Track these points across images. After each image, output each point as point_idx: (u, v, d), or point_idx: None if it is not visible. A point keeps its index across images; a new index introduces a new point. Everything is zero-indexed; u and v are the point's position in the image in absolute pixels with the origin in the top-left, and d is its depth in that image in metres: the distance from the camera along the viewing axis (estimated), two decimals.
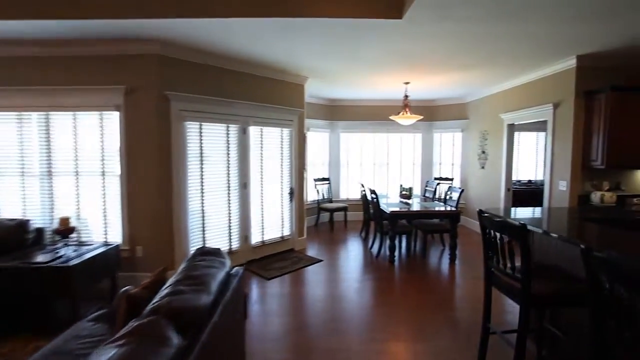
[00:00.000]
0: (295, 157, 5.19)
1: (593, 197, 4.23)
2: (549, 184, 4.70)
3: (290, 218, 5.19)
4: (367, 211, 5.92)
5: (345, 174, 7.74)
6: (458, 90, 6.39)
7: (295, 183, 5.21)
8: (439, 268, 4.57)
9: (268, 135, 4.79)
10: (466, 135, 7.10)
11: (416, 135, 7.73)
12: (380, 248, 4.98)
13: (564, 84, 4.40)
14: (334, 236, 6.29)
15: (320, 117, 7.32)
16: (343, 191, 7.77)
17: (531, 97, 5.01)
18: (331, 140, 7.64)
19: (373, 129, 7.61)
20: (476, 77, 5.19)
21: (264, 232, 4.82)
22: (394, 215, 4.62)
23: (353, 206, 7.69)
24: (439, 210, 4.81)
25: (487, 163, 6.33)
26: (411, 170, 7.81)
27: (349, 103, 7.54)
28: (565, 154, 4.42)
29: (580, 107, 4.28)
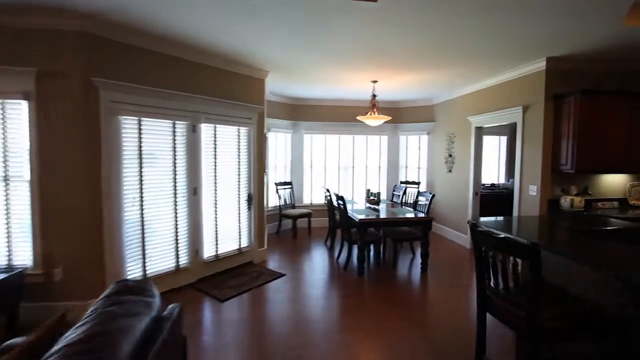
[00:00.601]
0: (255, 159, 4.65)
1: (563, 202, 4.15)
2: (518, 189, 4.59)
3: (248, 227, 4.63)
4: (333, 218, 5.53)
5: (309, 177, 7.30)
6: (425, 92, 6.22)
7: (254, 188, 4.66)
8: (411, 279, 4.27)
9: (223, 135, 4.21)
10: (433, 138, 6.97)
11: (382, 137, 7.49)
12: (348, 259, 4.59)
13: (533, 86, 4.31)
14: (297, 245, 5.81)
15: (282, 116, 6.82)
16: (306, 196, 7.32)
17: (500, 99, 4.91)
18: (294, 141, 7.17)
19: (338, 131, 7.26)
20: (445, 77, 5.00)
21: (218, 245, 4.23)
22: (363, 224, 4.25)
23: (317, 212, 7.26)
24: (412, 218, 4.52)
25: (454, 167, 6.21)
26: (377, 174, 7.55)
27: (314, 102, 7.13)
28: (535, 158, 4.32)
29: (550, 110, 4.19)
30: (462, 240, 5.82)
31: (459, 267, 4.72)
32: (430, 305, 3.55)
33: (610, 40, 3.40)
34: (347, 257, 4.59)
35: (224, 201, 4.26)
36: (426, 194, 4.95)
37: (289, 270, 4.49)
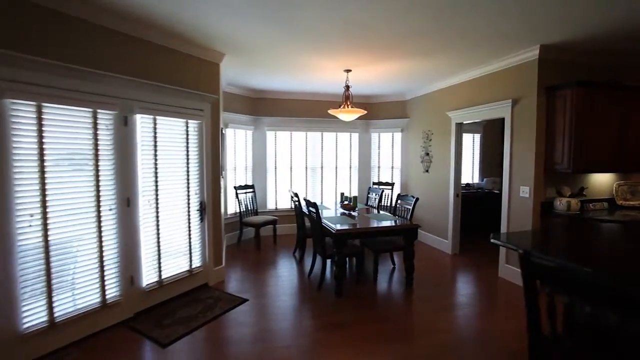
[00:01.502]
0: (209, 159, 3.82)
1: (558, 205, 3.79)
2: (507, 190, 4.19)
3: (201, 242, 3.79)
4: (302, 226, 4.82)
5: (273, 180, 6.53)
6: (399, 86, 5.71)
7: (208, 194, 3.83)
8: (397, 299, 3.68)
9: (166, 129, 3.35)
10: (407, 136, 6.50)
11: (353, 134, 6.91)
12: (322, 276, 3.91)
13: (524, 77, 3.91)
14: (261, 258, 5.03)
15: (242, 111, 5.99)
16: (271, 200, 6.54)
17: (486, 92, 4.49)
18: (255, 139, 6.36)
19: (305, 127, 6.56)
20: (425, 67, 4.49)
21: (162, 267, 3.35)
22: (341, 235, 3.59)
23: (284, 217, 6.51)
24: (396, 226, 3.93)
25: (431, 166, 5.77)
26: (347, 175, 6.96)
27: (278, 95, 6.36)
28: (527, 156, 3.93)
29: (542, 104, 3.81)
30: (443, 246, 5.38)
31: (446, 280, 4.22)
32: (426, 335, 2.96)
33: (608, 25, 3.04)
34: (321, 274, 3.92)
35: (169, 212, 3.39)
36: (408, 197, 4.41)
37: (253, 293, 3.72)
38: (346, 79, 4.69)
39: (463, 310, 3.36)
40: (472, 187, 6.89)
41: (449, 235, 5.26)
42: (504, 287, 3.95)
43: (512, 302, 3.53)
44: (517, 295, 3.72)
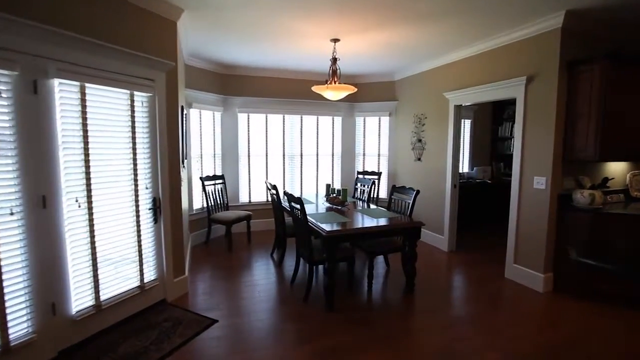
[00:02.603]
0: (164, 144, 2.99)
1: (579, 198, 3.31)
2: (518, 181, 3.68)
3: (156, 250, 2.99)
4: (281, 223, 4.11)
5: (246, 169, 5.72)
6: (389, 64, 5.05)
7: (164, 189, 3.01)
8: (398, 311, 3.09)
9: (101, 102, 2.48)
10: (396, 120, 5.89)
11: (336, 118, 6.21)
12: (309, 285, 3.23)
13: (543, 51, 3.36)
14: (233, 261, 4.28)
15: (209, 89, 5.10)
16: (244, 193, 5.75)
17: (493, 69, 3.91)
18: (225, 122, 5.51)
19: (283, 109, 5.77)
20: (426, 37, 3.83)
21: (99, 287, 2.54)
22: (334, 238, 2.92)
23: (259, 212, 5.76)
24: (400, 224, 3.28)
25: (424, 154, 5.21)
26: (329, 163, 6.29)
27: (251, 72, 5.51)
28: (543, 143, 3.41)
29: (563, 82, 3.29)
30: (438, 242, 4.87)
31: (448, 284, 3.69)
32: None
33: None
34: (307, 283, 3.24)
35: (109, 214, 2.56)
36: (407, 190, 3.80)
37: (224, 310, 2.99)
38: (333, 51, 3.96)
39: (479, 323, 2.83)
40: (463, 177, 6.42)
41: (445, 231, 4.75)
42: (515, 291, 3.47)
43: (532, 310, 3.04)
44: (532, 299, 3.25)
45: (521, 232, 3.68)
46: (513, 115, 6.49)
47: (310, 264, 3.19)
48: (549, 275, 3.49)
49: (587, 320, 2.89)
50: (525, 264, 3.64)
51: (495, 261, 4.34)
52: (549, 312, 3.03)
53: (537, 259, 3.52)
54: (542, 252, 3.46)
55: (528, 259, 3.61)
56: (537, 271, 3.52)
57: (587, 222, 3.21)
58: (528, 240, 3.60)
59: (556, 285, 3.49)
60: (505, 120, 6.65)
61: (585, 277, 3.27)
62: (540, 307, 3.12)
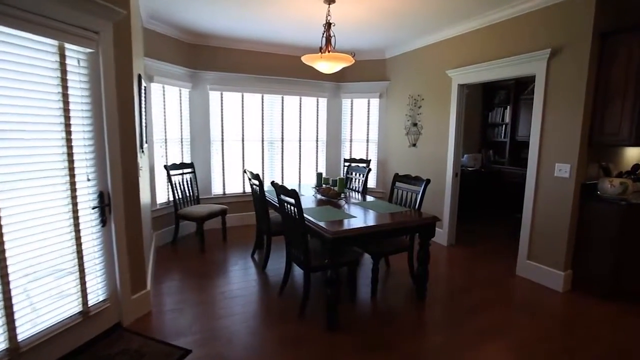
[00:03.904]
0: (114, 122, 2.23)
1: (607, 187, 2.95)
2: (535, 169, 3.28)
3: (104, 261, 2.26)
4: (265, 218, 3.47)
5: (220, 156, 4.99)
6: (380, 38, 4.47)
7: (115, 181, 2.27)
8: (413, 325, 2.59)
9: (10, 55, 1.70)
10: (387, 103, 5.36)
11: (321, 100, 5.58)
12: (305, 298, 2.65)
13: (571, 19, 2.91)
14: (207, 265, 3.61)
15: (174, 60, 4.28)
16: (217, 184, 5.02)
17: (509, 42, 3.44)
18: (195, 101, 4.71)
19: (262, 88, 5.05)
20: (430, 4, 3.28)
21: (14, 321, 1.79)
22: (340, 240, 2.34)
23: (235, 205, 5.08)
24: (415, 220, 2.74)
25: (420, 139, 4.73)
26: (314, 150, 5.68)
27: (226, 43, 4.72)
28: (567, 125, 3.00)
29: (595, 55, 2.88)
30: (438, 236, 4.43)
31: (459, 285, 3.25)
32: None
33: None
34: (303, 295, 2.66)
35: (27, 216, 1.80)
36: (415, 180, 3.27)
37: (197, 335, 2.35)
38: (327, 14, 3.31)
39: (510, 336, 2.39)
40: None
41: (445, 224, 4.33)
42: (534, 291, 3.10)
43: (562, 315, 2.66)
44: (556, 302, 2.88)
45: (537, 225, 3.30)
46: (505, 100, 6.19)
47: (307, 271, 2.61)
48: (569, 273, 3.15)
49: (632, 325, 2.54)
50: (542, 260, 3.28)
51: (500, 255, 3.99)
52: (585, 318, 2.66)
53: (556, 256, 3.16)
54: (563, 247, 3.10)
55: (545, 255, 3.25)
56: (556, 269, 3.17)
57: (617, 214, 2.85)
58: (546, 234, 3.23)
59: (576, 284, 3.16)
60: (496, 105, 6.33)
61: (609, 275, 2.95)
62: (572, 312, 2.75)
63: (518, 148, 6.14)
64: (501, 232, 5.03)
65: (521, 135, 5.92)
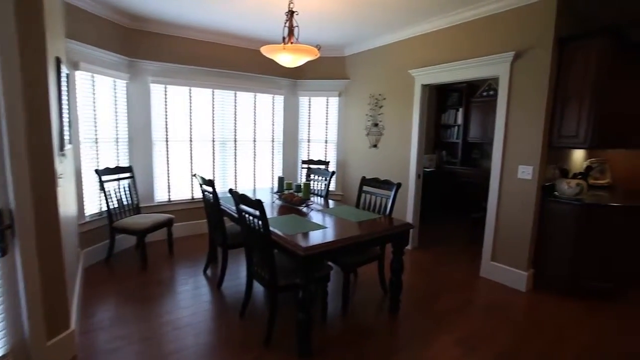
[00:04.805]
0: (16, 116, 1.69)
1: (565, 188, 3.02)
2: (499, 171, 3.28)
3: (4, 303, 1.71)
4: (220, 230, 3.05)
5: (164, 158, 4.40)
6: (339, 34, 4.26)
7: (22, 194, 1.73)
8: (394, 342, 2.38)
9: None
10: (347, 102, 5.18)
11: (277, 98, 5.23)
12: (271, 321, 2.31)
13: (534, 23, 2.93)
14: (150, 286, 3.09)
15: (107, 45, 3.64)
16: (161, 190, 4.43)
17: (473, 43, 3.41)
18: (133, 95, 4.09)
19: (213, 82, 4.56)
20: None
21: None
22: (314, 257, 2.05)
23: (183, 213, 4.54)
24: (392, 228, 2.53)
25: (382, 140, 4.61)
26: (269, 151, 5.31)
27: (171, 30, 4.16)
28: (530, 127, 3.03)
29: (555, 59, 2.92)
30: None
31: (430, 292, 3.14)
32: None
33: None
34: (270, 318, 2.31)
35: None
36: (385, 183, 3.09)
37: None
38: (290, 2, 2.99)
39: (491, 343, 2.29)
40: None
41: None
42: (501, 292, 3.09)
43: (532, 315, 2.64)
44: (522, 302, 2.88)
45: (501, 226, 3.31)
46: (457, 102, 6.36)
47: (274, 292, 2.27)
48: (531, 272, 3.20)
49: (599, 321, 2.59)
50: (505, 261, 3.30)
51: (462, 257, 4.00)
52: (553, 318, 2.67)
53: (519, 256, 3.19)
54: (526, 248, 3.13)
55: (509, 255, 3.27)
56: (519, 269, 3.20)
57: (574, 214, 2.94)
58: (509, 236, 3.25)
59: (537, 283, 3.22)
60: (449, 107, 6.49)
61: (569, 273, 3.03)
62: (540, 313, 2.76)
63: (469, 149, 6.35)
64: (460, 232, 5.12)
65: (472, 136, 6.12)
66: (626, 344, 2.38)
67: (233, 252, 3.86)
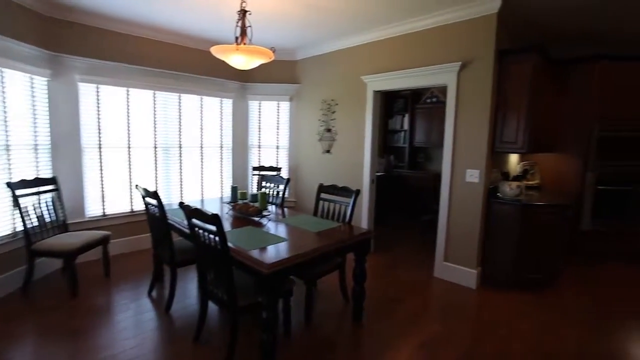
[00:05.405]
0: None
1: (507, 190, 3.25)
2: (449, 175, 3.43)
3: None
4: (165, 245, 2.75)
5: (97, 167, 3.91)
6: (292, 36, 4.19)
7: None
8: (359, 352, 2.33)
9: None
10: (298, 106, 5.09)
11: (225, 101, 4.96)
12: (233, 341, 2.11)
13: (479, 35, 3.13)
14: (80, 315, 2.67)
15: (21, 35, 3.10)
16: (93, 203, 3.92)
17: (423, 52, 3.54)
18: (57, 95, 3.56)
19: (155, 83, 4.17)
20: (354, 2, 3.15)
21: None
22: (279, 274, 1.91)
23: (122, 228, 4.07)
24: (354, 237, 2.47)
25: (335, 145, 4.60)
26: (218, 157, 5.01)
27: (106, 23, 3.70)
28: (477, 134, 3.22)
29: (496, 71, 3.15)
30: None
31: (388, 296, 3.16)
32: None
33: None
34: (230, 342, 2.11)
35: None
36: (344, 190, 3.04)
37: None
38: (242, 1, 2.82)
39: (454, 343, 2.35)
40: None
41: None
42: (455, 292, 3.22)
43: (489, 312, 2.78)
44: (475, 299, 3.04)
45: (452, 228, 3.47)
46: (403, 108, 6.62)
47: (234, 314, 2.08)
48: (479, 270, 3.39)
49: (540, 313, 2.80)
50: (457, 261, 3.46)
51: (416, 259, 4.13)
52: (501, 312, 2.84)
53: (469, 255, 3.37)
54: (475, 247, 3.32)
55: (460, 255, 3.43)
56: (469, 267, 3.37)
57: (515, 214, 3.18)
58: (460, 236, 3.41)
59: (484, 279, 3.42)
60: (395, 113, 6.74)
61: (511, 267, 3.27)
62: (489, 308, 2.91)
63: (415, 153, 6.65)
64: (411, 234, 5.29)
65: (418, 141, 6.42)
66: (563, 331, 2.60)
67: (182, 269, 3.53)
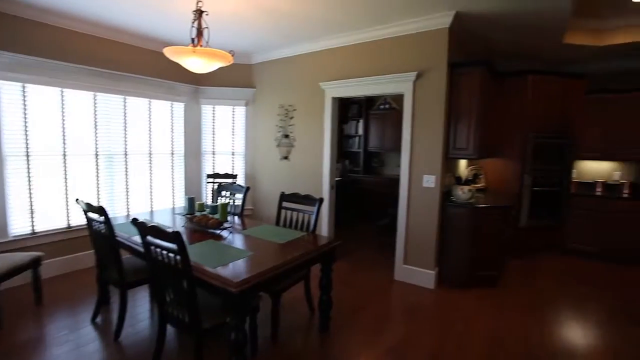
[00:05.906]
0: None
1: (460, 194, 3.45)
2: (407, 180, 3.56)
3: None
4: (113, 264, 2.49)
5: (22, 178, 3.43)
6: (248, 39, 4.08)
7: None
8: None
9: None
10: (255, 112, 4.96)
11: (176, 105, 4.67)
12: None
13: (433, 47, 3.29)
14: (6, 355, 2.32)
15: None
16: (19, 220, 3.43)
17: (380, 61, 3.63)
18: None
19: (97, 85, 3.78)
20: (312, 6, 3.14)
21: None
22: (249, 293, 1.80)
23: (57, 246, 3.64)
24: (319, 248, 2.42)
25: (293, 151, 4.55)
26: (169, 165, 4.70)
27: (36, 14, 3.26)
28: (432, 141, 3.38)
29: (449, 81, 3.33)
30: None
31: (349, 304, 3.18)
32: None
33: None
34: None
35: None
36: (309, 201, 2.98)
37: None
38: (197, 1, 2.67)
39: (422, 345, 2.41)
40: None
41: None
42: (416, 293, 3.34)
43: (447, 311, 2.90)
44: (433, 298, 3.17)
45: (411, 231, 3.59)
46: (357, 113, 6.77)
47: (199, 337, 1.93)
48: (437, 270, 3.55)
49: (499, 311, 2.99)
50: (416, 263, 3.59)
51: (375, 263, 4.21)
52: (459, 310, 2.99)
53: (427, 257, 3.51)
54: (432, 248, 3.46)
55: (418, 257, 3.57)
56: (427, 269, 3.51)
57: (468, 216, 3.38)
58: (418, 239, 3.55)
59: (441, 279, 3.59)
60: (350, 118, 6.86)
61: (466, 266, 3.47)
62: (447, 307, 3.05)
63: (370, 158, 6.83)
64: (368, 238, 5.40)
65: (372, 146, 6.60)
66: (513, 320, 2.81)
67: (136, 293, 3.23)
